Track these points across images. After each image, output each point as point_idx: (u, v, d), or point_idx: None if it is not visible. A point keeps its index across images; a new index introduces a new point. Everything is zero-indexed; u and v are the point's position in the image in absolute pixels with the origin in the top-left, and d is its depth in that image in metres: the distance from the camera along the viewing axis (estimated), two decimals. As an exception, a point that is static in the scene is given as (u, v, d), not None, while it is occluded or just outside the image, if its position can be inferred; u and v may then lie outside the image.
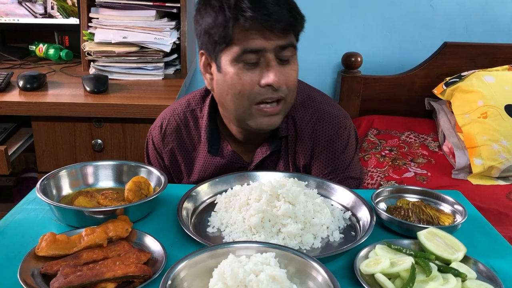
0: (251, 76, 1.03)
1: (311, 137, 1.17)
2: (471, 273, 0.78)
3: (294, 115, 1.18)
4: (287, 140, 1.19)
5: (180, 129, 1.24)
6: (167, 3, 1.92)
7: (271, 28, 0.98)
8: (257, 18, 0.97)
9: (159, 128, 1.26)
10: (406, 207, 0.99)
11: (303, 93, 1.21)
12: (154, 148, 1.28)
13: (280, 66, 1.03)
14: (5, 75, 1.80)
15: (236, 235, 0.90)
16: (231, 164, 1.20)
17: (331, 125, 1.17)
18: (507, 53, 2.28)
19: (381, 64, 2.43)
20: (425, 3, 2.35)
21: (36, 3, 2.14)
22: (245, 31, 0.99)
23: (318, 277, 0.72)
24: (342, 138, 1.17)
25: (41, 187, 0.98)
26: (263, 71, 1.02)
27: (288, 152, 1.19)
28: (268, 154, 1.17)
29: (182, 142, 1.24)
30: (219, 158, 1.20)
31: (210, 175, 1.22)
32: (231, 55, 1.02)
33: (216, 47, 1.04)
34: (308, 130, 1.17)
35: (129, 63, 1.93)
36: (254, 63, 1.02)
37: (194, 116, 1.23)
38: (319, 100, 1.20)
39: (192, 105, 1.24)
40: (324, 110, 1.18)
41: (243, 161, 1.21)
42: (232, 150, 1.20)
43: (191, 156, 1.25)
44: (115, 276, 0.75)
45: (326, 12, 2.35)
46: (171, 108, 1.27)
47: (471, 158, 1.89)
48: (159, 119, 1.28)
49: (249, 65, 1.02)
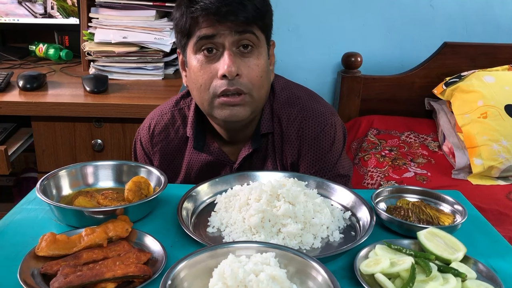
0: (209, 68, 1.05)
1: (298, 136, 1.17)
2: (471, 273, 0.78)
3: (280, 113, 1.18)
4: (273, 139, 1.18)
5: (168, 128, 1.24)
6: (167, 3, 1.92)
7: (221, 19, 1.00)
8: (205, 9, 1.00)
9: (147, 128, 1.26)
10: (406, 207, 0.99)
11: (287, 90, 1.21)
12: (142, 149, 1.28)
13: (239, 58, 1.04)
14: (5, 75, 1.80)
15: (236, 235, 0.90)
16: (217, 161, 1.21)
17: (317, 122, 1.16)
18: (507, 53, 2.28)
19: (381, 64, 2.42)
20: (425, 3, 2.35)
21: (36, 3, 2.14)
22: (198, 22, 1.03)
23: (318, 277, 0.72)
24: (328, 136, 1.17)
25: (41, 187, 0.98)
26: (219, 62, 1.04)
27: (275, 151, 1.19)
28: (250, 152, 1.17)
29: (170, 141, 1.25)
30: (205, 155, 1.21)
31: (196, 172, 1.23)
32: (191, 47, 1.07)
33: (181, 41, 1.09)
34: (294, 128, 1.17)
35: (129, 63, 1.93)
36: (212, 54, 1.04)
37: (182, 114, 1.24)
38: (304, 98, 1.20)
39: (180, 104, 1.25)
40: (309, 107, 1.18)
41: (228, 159, 1.21)
42: (218, 147, 1.20)
43: (180, 156, 1.25)
44: (115, 276, 0.75)
45: (326, 12, 2.35)
46: (159, 108, 1.28)
47: (471, 158, 1.89)
48: (147, 120, 1.28)
49: (208, 57, 1.05)
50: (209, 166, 1.21)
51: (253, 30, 1.04)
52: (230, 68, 1.02)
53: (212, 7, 0.99)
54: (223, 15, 1.00)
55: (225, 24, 1.01)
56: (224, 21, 1.00)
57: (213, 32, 1.02)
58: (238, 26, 1.02)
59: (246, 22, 1.02)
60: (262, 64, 1.07)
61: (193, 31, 1.04)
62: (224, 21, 1.01)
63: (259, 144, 1.17)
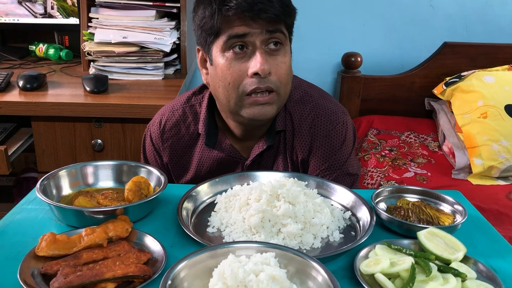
0: (239, 67, 1.04)
1: (309, 133, 1.17)
2: (471, 273, 0.78)
3: (292, 110, 1.18)
4: (285, 135, 1.19)
5: (179, 124, 1.24)
6: (167, 3, 1.92)
7: (254, 17, 1.00)
8: (240, 7, 0.99)
9: (158, 124, 1.26)
10: (406, 207, 0.99)
11: (300, 89, 1.21)
12: (151, 144, 1.28)
13: (268, 56, 1.04)
14: (5, 75, 1.80)
15: (236, 235, 0.90)
16: (229, 158, 1.21)
17: (329, 120, 1.17)
18: (507, 53, 2.28)
19: (381, 64, 2.43)
20: (425, 3, 2.35)
21: (36, 3, 2.14)
22: (230, 20, 1.02)
23: (318, 277, 0.72)
24: (339, 134, 1.18)
25: (41, 187, 0.98)
26: (251, 61, 1.04)
27: (286, 148, 1.19)
28: (264, 148, 1.18)
29: (181, 137, 1.25)
30: (217, 152, 1.21)
31: (207, 169, 1.23)
32: (219, 45, 1.05)
33: (207, 40, 1.07)
34: (306, 125, 1.18)
35: (129, 63, 1.93)
36: (242, 52, 1.04)
37: (194, 111, 1.24)
38: (316, 96, 1.21)
39: (192, 101, 1.25)
40: (322, 105, 1.19)
41: (240, 155, 1.21)
42: (230, 144, 1.21)
43: (190, 152, 1.25)
44: (115, 276, 0.75)
45: (326, 12, 2.35)
46: (171, 104, 1.28)
47: (471, 158, 1.89)
48: (158, 115, 1.28)
49: (238, 54, 1.04)
50: (220, 163, 1.21)
51: (282, 28, 1.05)
52: (263, 66, 1.02)
53: (245, 5, 0.99)
54: (256, 13, 1.00)
55: (258, 23, 1.01)
56: (256, 19, 1.01)
57: (246, 31, 1.02)
58: (269, 25, 1.02)
59: (277, 20, 1.02)
60: (288, 62, 1.08)
61: (223, 29, 1.03)
62: (256, 19, 1.01)
63: (273, 141, 1.18)
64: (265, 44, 1.04)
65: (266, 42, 1.04)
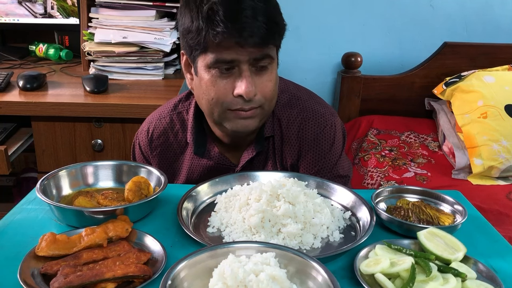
0: (224, 85, 1.02)
1: (297, 137, 1.17)
2: (471, 273, 0.78)
3: (280, 115, 1.17)
4: (274, 141, 1.18)
5: (167, 132, 1.23)
6: (167, 3, 1.92)
7: (242, 44, 0.97)
8: (228, 33, 0.96)
9: (146, 132, 1.25)
10: (406, 207, 0.99)
11: (287, 92, 1.20)
12: (141, 153, 1.27)
13: (255, 76, 1.02)
14: (5, 75, 1.80)
15: (236, 235, 0.90)
16: (218, 166, 1.20)
17: (316, 123, 1.16)
18: (507, 53, 2.28)
19: (381, 64, 2.42)
20: (425, 3, 2.35)
21: (36, 3, 2.14)
22: (218, 45, 0.98)
23: (318, 277, 0.72)
24: (328, 136, 1.17)
25: (41, 187, 0.98)
26: (236, 80, 1.02)
27: (275, 153, 1.19)
28: (254, 155, 1.17)
29: (170, 145, 1.24)
30: (206, 160, 1.20)
31: (197, 177, 1.22)
32: (206, 61, 1.02)
33: (193, 52, 1.04)
34: (294, 129, 1.17)
35: (129, 63, 1.93)
36: (228, 72, 1.02)
37: (181, 118, 1.22)
38: (304, 99, 1.20)
39: (179, 108, 1.23)
40: (309, 108, 1.18)
41: (230, 162, 1.20)
42: (219, 152, 1.20)
43: (179, 159, 1.24)
44: (115, 276, 0.75)
45: (326, 12, 2.35)
46: (158, 112, 1.26)
47: (471, 158, 1.89)
48: (145, 123, 1.27)
49: (223, 73, 1.02)
50: (210, 170, 1.20)
51: (270, 52, 1.02)
52: (248, 89, 1.00)
53: (234, 32, 0.95)
54: (244, 39, 0.96)
55: (246, 49, 0.98)
56: (245, 45, 0.97)
57: (234, 57, 0.99)
58: (258, 51, 1.00)
59: (266, 44, 1.00)
60: (274, 78, 1.07)
61: (210, 49, 1.00)
62: (244, 45, 0.98)
63: (262, 147, 1.17)
64: (252, 65, 1.02)
65: (254, 62, 1.02)
